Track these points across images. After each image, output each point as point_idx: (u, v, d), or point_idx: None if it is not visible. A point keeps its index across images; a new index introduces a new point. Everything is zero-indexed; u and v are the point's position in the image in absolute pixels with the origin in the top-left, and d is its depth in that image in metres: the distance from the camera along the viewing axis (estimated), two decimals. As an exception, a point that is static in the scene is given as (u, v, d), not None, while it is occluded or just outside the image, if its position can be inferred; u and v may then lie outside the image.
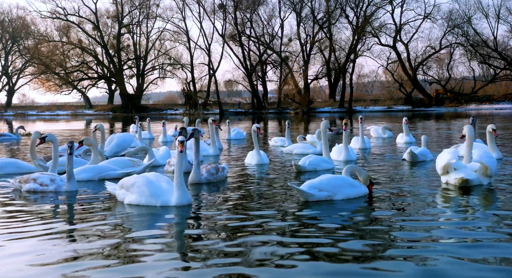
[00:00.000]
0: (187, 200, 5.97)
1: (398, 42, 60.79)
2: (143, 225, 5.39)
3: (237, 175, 8.84)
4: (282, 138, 14.25)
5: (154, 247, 4.38)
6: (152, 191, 5.99)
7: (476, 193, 6.65)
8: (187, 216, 5.64)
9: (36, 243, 4.62)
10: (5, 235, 4.91)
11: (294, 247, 4.34)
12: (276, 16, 62.39)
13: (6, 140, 18.04)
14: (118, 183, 6.41)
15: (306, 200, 6.12)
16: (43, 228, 5.11)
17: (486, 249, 4.18)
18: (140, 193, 6.02)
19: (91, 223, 5.29)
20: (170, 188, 6.06)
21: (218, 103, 60.03)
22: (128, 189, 6.17)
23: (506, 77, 61.65)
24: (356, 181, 6.53)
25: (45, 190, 7.11)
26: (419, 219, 5.25)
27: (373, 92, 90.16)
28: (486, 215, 5.39)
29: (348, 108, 56.93)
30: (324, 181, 6.25)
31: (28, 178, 7.26)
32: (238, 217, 5.48)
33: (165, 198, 5.95)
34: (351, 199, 6.27)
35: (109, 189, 6.54)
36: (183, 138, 5.99)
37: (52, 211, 6.05)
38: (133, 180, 6.19)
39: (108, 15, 66.06)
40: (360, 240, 4.50)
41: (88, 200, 6.67)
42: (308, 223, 5.13)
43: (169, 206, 5.91)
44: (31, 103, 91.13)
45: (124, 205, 6.14)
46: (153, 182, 6.10)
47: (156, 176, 6.30)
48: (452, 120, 29.97)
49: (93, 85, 72.26)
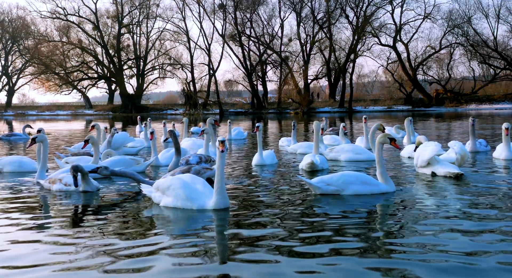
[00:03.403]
0: (225, 204, 5.84)
1: (398, 42, 60.77)
2: (180, 228, 5.32)
3: (259, 177, 8.64)
4: (289, 138, 14.32)
5: (190, 251, 4.33)
6: (188, 194, 5.91)
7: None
8: (224, 219, 5.53)
9: (64, 246, 4.62)
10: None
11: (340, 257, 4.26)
12: (276, 16, 62.47)
13: (17, 139, 18.68)
14: (153, 185, 6.36)
15: (315, 193, 6.67)
16: (65, 233, 5.07)
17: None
18: (176, 196, 5.96)
19: (126, 224, 5.30)
20: (205, 191, 5.98)
21: (218, 103, 60.01)
22: (164, 192, 6.11)
23: (506, 77, 61.60)
24: (374, 179, 6.72)
25: (69, 190, 7.15)
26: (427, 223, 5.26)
27: (373, 92, 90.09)
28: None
29: (348, 108, 56.90)
30: (334, 177, 6.69)
31: (55, 178, 7.31)
32: (275, 222, 5.30)
33: (201, 201, 5.86)
34: (367, 195, 6.53)
35: (144, 191, 6.50)
36: (224, 138, 5.81)
37: (75, 213, 6.06)
38: (168, 183, 6.11)
39: (108, 15, 66.07)
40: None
41: (118, 200, 6.73)
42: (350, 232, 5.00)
43: (205, 209, 5.81)
44: (31, 103, 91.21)
45: (161, 207, 6.07)
46: (189, 185, 6.02)
47: (191, 178, 6.21)
48: (452, 120, 29.96)
49: (93, 85, 72.27)
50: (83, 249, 4.44)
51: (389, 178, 6.89)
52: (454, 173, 7.83)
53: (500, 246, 4.31)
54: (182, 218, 5.67)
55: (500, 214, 5.42)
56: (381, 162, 6.82)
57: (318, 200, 6.43)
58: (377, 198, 6.51)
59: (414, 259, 3.99)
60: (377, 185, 6.68)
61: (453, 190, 6.94)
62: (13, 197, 6.99)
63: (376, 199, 6.46)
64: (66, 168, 7.96)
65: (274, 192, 7.06)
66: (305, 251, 4.32)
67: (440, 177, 7.95)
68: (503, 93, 60.70)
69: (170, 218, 5.67)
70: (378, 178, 6.80)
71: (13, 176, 9.02)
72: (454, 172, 7.83)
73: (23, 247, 4.59)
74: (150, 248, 4.43)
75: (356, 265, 3.91)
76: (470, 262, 3.92)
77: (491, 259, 3.98)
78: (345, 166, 9.90)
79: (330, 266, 3.93)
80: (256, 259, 4.10)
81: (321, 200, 6.43)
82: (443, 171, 7.96)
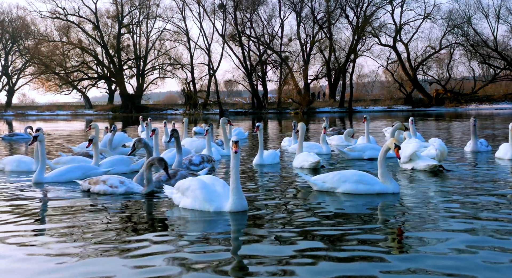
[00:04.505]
0: (242, 206, 5.67)
1: (398, 42, 60.74)
2: (197, 231, 5.17)
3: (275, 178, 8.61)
4: (290, 138, 14.37)
5: (204, 254, 4.28)
6: (206, 196, 5.77)
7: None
8: (241, 222, 5.38)
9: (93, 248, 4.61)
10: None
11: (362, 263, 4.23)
12: (276, 16, 62.41)
13: (19, 139, 18.87)
14: (175, 186, 6.26)
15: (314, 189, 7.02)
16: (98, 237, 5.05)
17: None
18: (194, 197, 5.83)
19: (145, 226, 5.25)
20: (224, 192, 5.80)
21: (218, 103, 59.99)
22: (184, 193, 6.00)
23: (506, 77, 61.57)
24: (374, 179, 6.76)
25: (115, 192, 7.06)
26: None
27: (373, 92, 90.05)
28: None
29: (348, 108, 56.88)
30: (330, 175, 6.99)
31: (97, 179, 7.26)
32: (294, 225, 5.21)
33: (219, 203, 5.71)
34: (366, 194, 6.63)
35: (166, 193, 6.42)
36: (237, 138, 5.66)
37: (97, 212, 6.02)
38: (188, 183, 5.99)
39: (108, 15, 65.99)
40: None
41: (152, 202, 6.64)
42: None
43: (222, 212, 5.67)
44: (31, 103, 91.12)
45: (180, 209, 5.99)
46: (208, 186, 5.87)
47: (211, 179, 6.07)
48: (453, 120, 29.95)
49: (93, 85, 72.16)
50: (96, 248, 4.44)
51: (391, 178, 6.87)
52: (432, 165, 8.51)
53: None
54: (199, 221, 5.53)
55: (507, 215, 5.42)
56: (382, 162, 6.82)
57: (328, 200, 6.47)
58: (384, 197, 6.53)
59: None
60: (372, 185, 6.69)
61: (457, 191, 6.92)
62: (10, 197, 6.98)
63: (378, 198, 6.46)
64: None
65: (281, 192, 7.05)
66: (324, 254, 4.22)
67: (442, 176, 7.96)
68: (503, 93, 60.67)
69: (188, 220, 5.55)
70: (379, 178, 6.80)
71: (12, 175, 9.03)
72: (432, 164, 8.51)
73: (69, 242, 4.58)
74: (161, 250, 4.36)
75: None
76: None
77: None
78: (367, 163, 10.00)
79: (351, 270, 3.86)
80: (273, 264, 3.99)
81: (328, 199, 6.48)
82: (423, 164, 8.65)
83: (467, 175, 8.20)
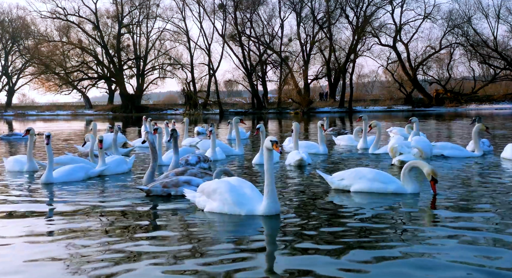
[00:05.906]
0: (276, 210, 5.42)
1: (398, 42, 60.80)
2: (229, 235, 4.91)
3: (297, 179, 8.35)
4: (291, 138, 14.39)
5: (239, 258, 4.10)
6: (236, 199, 5.50)
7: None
8: (275, 226, 5.14)
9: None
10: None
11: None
12: (276, 16, 62.48)
13: (17, 139, 18.95)
14: (198, 189, 6.00)
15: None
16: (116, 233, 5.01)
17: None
18: (223, 200, 5.56)
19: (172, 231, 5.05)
20: (254, 195, 5.57)
21: (218, 103, 60.02)
22: (210, 196, 5.72)
23: (506, 77, 61.61)
24: (391, 178, 6.64)
25: (169, 192, 6.79)
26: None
27: (373, 92, 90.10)
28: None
29: (348, 108, 56.92)
30: (347, 172, 6.93)
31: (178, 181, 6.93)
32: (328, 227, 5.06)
33: (250, 207, 5.46)
34: (382, 194, 6.52)
35: (188, 196, 6.12)
36: (275, 138, 5.37)
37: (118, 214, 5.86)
38: (214, 186, 5.72)
39: (108, 15, 66.06)
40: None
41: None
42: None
43: (255, 215, 5.41)
44: (31, 103, 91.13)
45: (205, 213, 5.70)
46: (236, 189, 5.61)
47: (238, 181, 5.79)
48: (452, 120, 29.96)
49: (93, 85, 72.21)
50: (120, 251, 4.35)
51: (412, 179, 6.61)
52: (400, 160, 9.21)
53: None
54: (230, 225, 5.31)
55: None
56: (408, 164, 6.62)
57: (345, 199, 6.42)
58: (401, 196, 6.40)
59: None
60: (385, 184, 6.56)
61: (462, 192, 6.92)
62: (17, 198, 6.99)
63: (408, 199, 6.33)
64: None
65: (297, 193, 6.86)
66: (362, 260, 4.01)
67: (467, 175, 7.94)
68: (503, 93, 60.72)
69: (216, 224, 5.33)
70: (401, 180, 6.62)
71: (15, 175, 9.05)
72: (401, 159, 9.20)
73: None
74: (190, 254, 4.20)
75: None
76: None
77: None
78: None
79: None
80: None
81: (345, 198, 6.44)
82: (400, 159, 9.34)
83: (473, 172, 8.13)
